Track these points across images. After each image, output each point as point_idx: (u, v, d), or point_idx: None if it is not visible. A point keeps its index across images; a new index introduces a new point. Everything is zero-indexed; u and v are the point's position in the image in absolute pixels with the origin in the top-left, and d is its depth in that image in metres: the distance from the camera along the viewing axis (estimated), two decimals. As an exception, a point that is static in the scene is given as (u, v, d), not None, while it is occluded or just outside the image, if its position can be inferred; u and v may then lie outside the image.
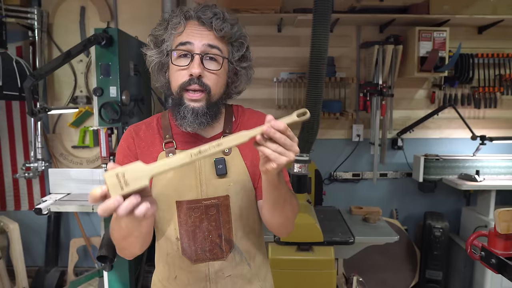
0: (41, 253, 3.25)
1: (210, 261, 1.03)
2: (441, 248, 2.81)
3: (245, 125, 1.06)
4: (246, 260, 1.08)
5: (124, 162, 1.01)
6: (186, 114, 0.95)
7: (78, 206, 2.12)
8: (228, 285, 1.06)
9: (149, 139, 1.04)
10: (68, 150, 3.18)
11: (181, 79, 0.95)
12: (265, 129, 0.76)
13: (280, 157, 0.77)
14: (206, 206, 1.01)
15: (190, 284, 1.05)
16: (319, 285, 2.05)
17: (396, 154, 3.17)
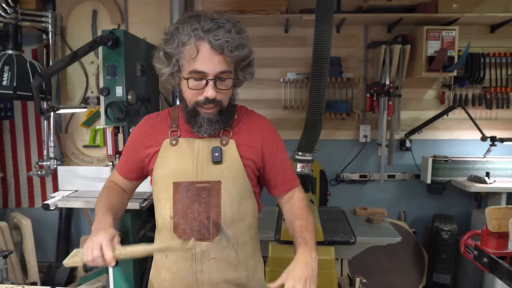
0: (53, 249, 3.34)
1: (197, 240, 1.10)
2: (449, 251, 2.76)
3: (247, 124, 1.18)
4: (233, 246, 1.12)
5: (132, 143, 1.22)
6: (202, 123, 1.08)
7: (84, 202, 2.18)
8: (213, 266, 1.10)
9: (157, 127, 1.18)
10: (79, 149, 3.27)
11: (196, 98, 1.06)
12: None
13: None
14: (199, 188, 1.10)
15: (178, 262, 1.12)
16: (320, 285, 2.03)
17: (404, 156, 3.12)
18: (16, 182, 3.33)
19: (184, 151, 1.13)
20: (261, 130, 1.18)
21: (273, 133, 1.21)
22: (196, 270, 1.10)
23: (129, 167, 1.22)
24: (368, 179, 3.14)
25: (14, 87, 2.64)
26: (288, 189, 1.22)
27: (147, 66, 2.60)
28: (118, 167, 1.25)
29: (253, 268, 1.18)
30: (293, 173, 1.24)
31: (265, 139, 1.17)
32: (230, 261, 1.12)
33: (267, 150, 1.18)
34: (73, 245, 3.35)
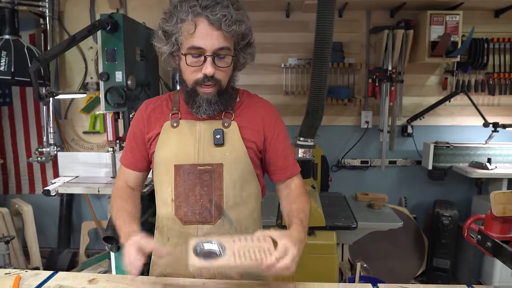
0: (54, 234, 3.35)
1: (199, 224, 1.10)
2: (450, 237, 2.77)
3: (248, 107, 1.17)
4: (235, 229, 1.12)
5: (132, 131, 1.19)
6: (201, 103, 1.06)
7: (84, 188, 2.18)
8: None
9: (157, 110, 1.17)
10: (79, 135, 3.25)
11: (195, 76, 1.05)
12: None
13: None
14: (200, 171, 1.09)
15: (180, 245, 1.11)
16: (321, 269, 2.05)
17: (406, 142, 3.12)
18: (16, 168, 3.32)
19: (185, 133, 1.12)
20: (263, 113, 1.17)
21: (276, 117, 1.19)
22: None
23: (136, 156, 1.19)
24: (369, 165, 3.14)
25: (12, 72, 2.61)
26: (288, 176, 1.20)
27: (146, 51, 2.56)
28: (123, 161, 1.21)
29: None
30: (294, 160, 1.22)
31: (267, 123, 1.16)
32: None
33: (269, 133, 1.16)
34: (75, 231, 3.36)
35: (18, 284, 1.07)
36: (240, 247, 0.88)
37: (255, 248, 0.88)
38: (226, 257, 0.86)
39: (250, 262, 0.86)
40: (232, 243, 0.88)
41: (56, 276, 1.12)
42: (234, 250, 0.87)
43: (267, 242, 0.90)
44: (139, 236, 0.98)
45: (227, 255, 0.86)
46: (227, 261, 0.85)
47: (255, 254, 0.87)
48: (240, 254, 0.86)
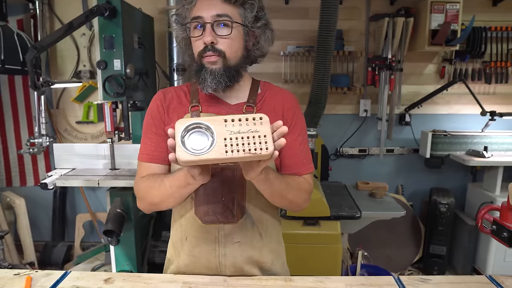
0: (48, 228, 3.28)
1: (220, 223, 1.05)
2: (446, 224, 2.81)
3: (270, 99, 1.11)
4: (258, 229, 1.08)
5: (152, 122, 1.09)
6: (205, 76, 1.01)
7: (83, 181, 2.12)
8: (236, 251, 1.06)
9: (175, 101, 1.10)
10: (72, 125, 3.16)
11: (198, 48, 1.02)
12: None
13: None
14: (222, 168, 1.03)
15: (199, 245, 1.07)
16: (325, 259, 2.06)
17: (404, 130, 3.13)
18: (6, 160, 3.21)
19: None
20: (283, 103, 1.11)
21: (294, 108, 1.12)
22: (219, 253, 1.06)
23: (160, 147, 1.07)
24: (367, 154, 3.15)
25: (2, 60, 2.50)
26: (294, 173, 1.09)
27: (144, 37, 2.48)
28: (145, 157, 1.08)
29: (277, 252, 1.15)
30: (306, 159, 1.10)
31: (285, 113, 1.10)
32: (254, 244, 1.08)
33: (287, 124, 1.05)
34: (69, 224, 3.29)
35: (30, 286, 1.02)
36: (232, 134, 0.77)
37: (249, 134, 0.77)
38: (216, 147, 0.76)
39: (243, 155, 0.76)
40: (223, 128, 0.77)
41: (69, 276, 1.08)
42: (226, 137, 0.76)
43: (264, 125, 0.78)
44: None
45: (217, 146, 0.76)
46: (216, 153, 0.75)
47: (250, 143, 0.77)
48: (232, 144, 0.76)
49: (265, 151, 0.76)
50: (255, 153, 0.76)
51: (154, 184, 1.00)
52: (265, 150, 0.76)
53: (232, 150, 0.76)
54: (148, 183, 1.03)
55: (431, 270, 2.87)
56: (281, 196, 1.00)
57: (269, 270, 1.10)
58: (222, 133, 0.77)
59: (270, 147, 0.77)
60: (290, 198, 1.02)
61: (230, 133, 0.78)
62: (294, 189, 1.03)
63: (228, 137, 0.77)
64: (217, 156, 0.76)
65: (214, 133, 0.77)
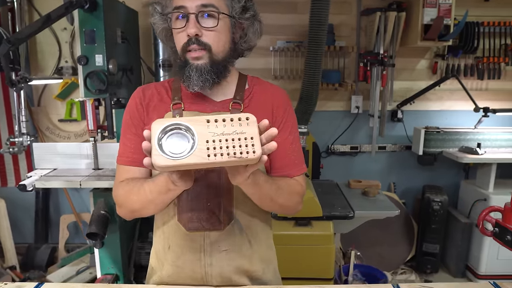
0: (30, 229, 3.16)
1: (206, 231, 0.97)
2: (439, 222, 2.78)
3: (258, 95, 1.03)
4: (246, 236, 1.00)
5: (130, 122, 1.01)
6: (190, 73, 0.93)
7: (64, 182, 2.02)
8: (224, 260, 0.99)
9: (156, 99, 1.02)
10: (54, 123, 3.04)
11: (181, 41, 0.94)
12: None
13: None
14: (207, 171, 0.95)
15: (184, 254, 0.99)
16: (318, 260, 2.00)
17: (396, 127, 3.08)
18: (-15, 160, 3.08)
19: None
20: (272, 99, 1.03)
21: (285, 105, 1.04)
22: (205, 263, 0.98)
23: (138, 149, 0.97)
24: (359, 151, 3.09)
25: (-22, 55, 2.37)
26: (285, 175, 1.01)
27: (127, 32, 2.38)
28: (123, 160, 1.00)
29: (268, 259, 1.07)
30: (298, 159, 1.02)
31: (275, 110, 1.02)
32: (243, 252, 1.00)
33: (276, 124, 1.01)
34: (52, 225, 3.18)
35: (-2, 299, 0.94)
36: (215, 136, 0.69)
37: (234, 136, 0.69)
38: (197, 151, 0.67)
39: (227, 159, 0.68)
40: (206, 129, 0.69)
41: (42, 288, 0.99)
42: (208, 139, 0.68)
43: (251, 126, 0.70)
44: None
45: (198, 150, 0.68)
46: (197, 158, 0.67)
47: (235, 146, 0.69)
48: (215, 147, 0.68)
49: (252, 155, 0.69)
50: (241, 157, 0.68)
51: (133, 189, 0.92)
52: (252, 154, 0.69)
53: (215, 154, 0.68)
54: (127, 188, 0.94)
55: (424, 268, 2.84)
56: (271, 200, 0.93)
57: (259, 279, 1.03)
58: (204, 135, 0.69)
59: (258, 150, 0.69)
60: (280, 202, 0.95)
61: (213, 134, 0.70)
62: (285, 193, 0.95)
63: (211, 139, 0.69)
64: (198, 160, 0.68)
65: (195, 134, 0.69)
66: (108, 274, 2.33)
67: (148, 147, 0.69)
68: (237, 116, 0.71)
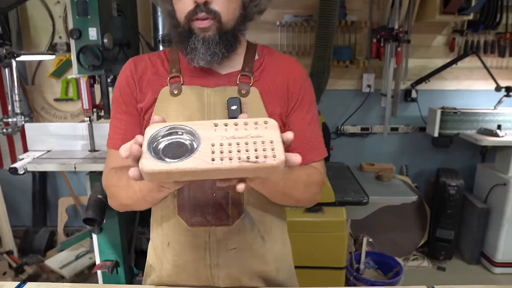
0: (28, 212, 3.06)
1: (211, 226, 0.83)
2: (455, 207, 2.64)
3: (271, 67, 0.89)
4: (258, 231, 0.87)
5: (121, 99, 0.87)
6: (196, 45, 0.80)
7: (58, 165, 1.89)
8: (232, 260, 0.85)
9: (150, 72, 0.88)
10: (50, 103, 2.90)
11: (186, 8, 0.80)
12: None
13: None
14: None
15: (185, 252, 0.85)
16: (330, 248, 1.88)
17: (409, 107, 2.92)
18: (-21, 141, 2.96)
19: (189, 104, 0.83)
20: (287, 73, 0.87)
21: (302, 79, 0.89)
22: (211, 263, 0.85)
23: (130, 130, 0.86)
24: (370, 132, 2.94)
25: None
26: (302, 163, 0.87)
27: (123, 4, 2.20)
28: (112, 143, 0.88)
29: (283, 257, 0.94)
30: (317, 142, 0.89)
31: (290, 86, 0.87)
32: (255, 250, 0.87)
33: (291, 102, 0.87)
34: (51, 207, 3.08)
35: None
36: (224, 139, 0.55)
37: (249, 139, 0.55)
38: (198, 154, 0.53)
39: (238, 165, 0.53)
40: (212, 132, 0.56)
41: (24, 288, 0.87)
42: (215, 142, 0.55)
43: (270, 130, 0.57)
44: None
45: (200, 152, 0.53)
46: (198, 162, 0.52)
47: (249, 150, 0.54)
48: (223, 150, 0.54)
49: (271, 160, 0.53)
50: (257, 162, 0.53)
51: (121, 183, 0.78)
52: (272, 159, 0.53)
53: (222, 158, 0.53)
54: (115, 181, 0.81)
55: (438, 255, 2.72)
56: (284, 195, 0.79)
57: (273, 280, 0.90)
58: (210, 138, 0.56)
59: (280, 155, 0.54)
60: (297, 197, 0.82)
61: (222, 138, 0.56)
62: (301, 186, 0.82)
63: (217, 142, 0.55)
64: (198, 165, 0.53)
65: (198, 138, 0.55)
66: (108, 260, 2.24)
67: (137, 152, 0.54)
68: (252, 120, 0.58)
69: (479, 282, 2.53)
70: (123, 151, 0.55)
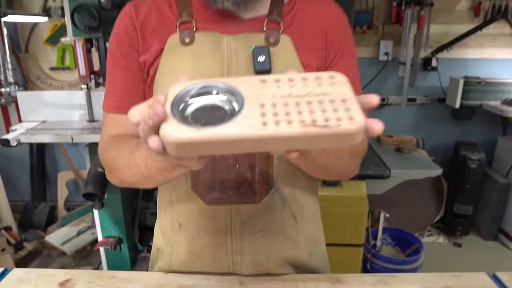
0: (26, 187, 2.95)
1: (234, 204, 0.68)
2: (474, 182, 2.51)
3: (305, 12, 0.71)
4: (290, 210, 0.72)
5: (118, 52, 0.70)
6: None
7: (54, 136, 1.74)
8: (260, 244, 0.71)
9: (155, 17, 0.70)
10: (45, 72, 2.72)
11: None
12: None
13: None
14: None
15: (202, 237, 0.71)
16: (348, 224, 1.76)
17: (428, 76, 2.73)
18: (-28, 112, 2.80)
19: (205, 54, 0.67)
20: (325, 20, 0.71)
21: (342, 27, 0.73)
22: (233, 249, 0.71)
23: (130, 89, 0.71)
24: (386, 103, 2.77)
25: None
26: None
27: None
28: (109, 105, 0.72)
29: (317, 238, 0.80)
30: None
31: (329, 35, 0.70)
32: (287, 233, 0.73)
33: (331, 52, 0.71)
34: (50, 181, 2.96)
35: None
36: (277, 98, 0.40)
37: (312, 98, 0.40)
38: (243, 117, 0.38)
39: (301, 130, 0.37)
40: (260, 90, 0.41)
41: (8, 277, 0.73)
42: (265, 102, 0.40)
43: (339, 86, 0.42)
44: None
45: (246, 115, 0.38)
46: (243, 127, 0.37)
47: (314, 111, 0.39)
48: (278, 112, 0.39)
49: (347, 123, 0.38)
50: (328, 125, 0.37)
51: (122, 157, 0.62)
52: (348, 122, 0.38)
53: (278, 121, 0.38)
54: (114, 154, 0.65)
55: (454, 230, 2.61)
56: (324, 169, 0.64)
57: (306, 265, 0.76)
58: (257, 97, 0.40)
59: (358, 117, 0.38)
60: (339, 172, 0.68)
61: (274, 96, 0.40)
62: (346, 157, 0.66)
63: (269, 102, 0.40)
64: (246, 131, 0.37)
65: (241, 98, 0.40)
66: (110, 237, 2.13)
67: (162, 114, 0.38)
68: (312, 74, 0.43)
69: (497, 259, 2.43)
70: (134, 114, 0.40)
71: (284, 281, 0.71)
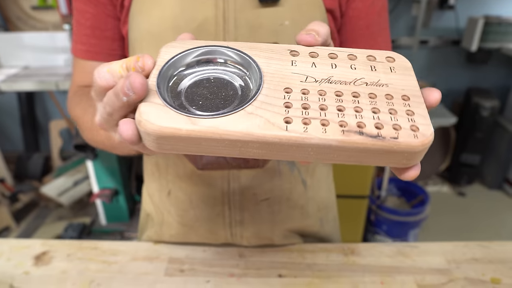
0: (18, 136, 2.85)
1: (232, 169, 0.57)
2: (485, 130, 2.40)
3: None
4: (299, 174, 0.61)
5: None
6: None
7: (37, 83, 1.60)
8: (263, 214, 0.61)
9: None
10: (26, 12, 2.49)
11: None
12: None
13: None
14: None
15: (195, 207, 0.60)
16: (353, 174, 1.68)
17: (443, 16, 2.52)
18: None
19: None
20: None
21: None
22: (232, 221, 0.61)
23: (99, 29, 0.56)
24: (396, 45, 2.58)
25: None
26: None
27: None
28: (79, 49, 0.57)
29: (328, 204, 0.70)
30: (387, 42, 0.60)
31: None
32: (295, 200, 0.62)
33: None
34: (42, 131, 2.86)
35: None
36: (312, 82, 0.27)
37: (362, 89, 0.28)
38: (256, 109, 0.26)
39: (342, 139, 0.25)
40: (287, 67, 0.28)
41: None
42: (293, 88, 0.27)
43: (401, 75, 0.30)
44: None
45: (265, 103, 0.26)
46: (258, 124, 0.25)
47: (361, 110, 0.27)
48: (310, 106, 0.26)
49: (409, 135, 0.27)
50: (380, 137, 0.26)
51: (85, 119, 0.49)
52: (410, 134, 0.27)
53: (307, 120, 0.25)
54: (80, 112, 0.52)
55: (460, 180, 2.55)
56: None
57: (315, 234, 0.67)
58: (282, 77, 0.27)
59: (426, 126, 0.28)
60: None
61: (307, 79, 0.27)
62: None
63: (298, 87, 0.27)
64: (258, 130, 0.25)
65: (259, 75, 0.27)
66: (106, 188, 2.07)
67: (140, 86, 0.25)
68: (363, 53, 0.31)
69: (500, 208, 2.40)
70: (103, 74, 0.28)
71: (290, 251, 0.62)
